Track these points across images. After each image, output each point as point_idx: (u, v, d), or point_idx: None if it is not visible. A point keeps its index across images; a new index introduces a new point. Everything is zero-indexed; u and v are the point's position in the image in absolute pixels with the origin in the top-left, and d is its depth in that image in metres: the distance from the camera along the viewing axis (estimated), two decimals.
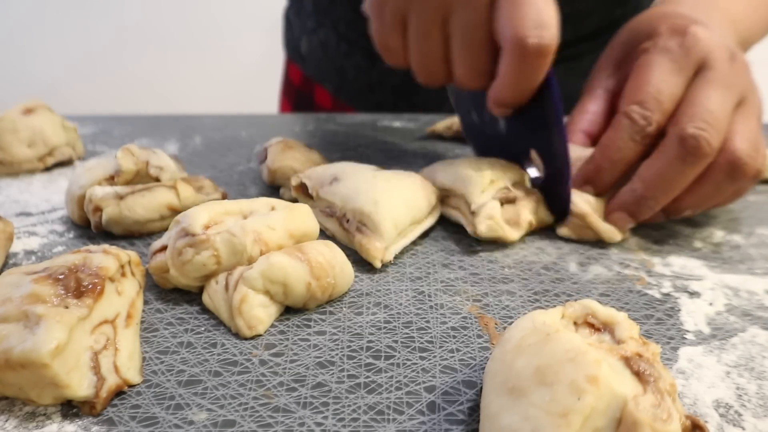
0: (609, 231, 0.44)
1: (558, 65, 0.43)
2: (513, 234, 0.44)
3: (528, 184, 0.48)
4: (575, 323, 0.28)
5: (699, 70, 0.44)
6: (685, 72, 0.44)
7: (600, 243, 0.45)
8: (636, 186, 0.44)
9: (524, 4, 0.39)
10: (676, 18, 0.46)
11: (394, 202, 0.42)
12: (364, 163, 0.61)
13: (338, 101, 0.85)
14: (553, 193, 0.47)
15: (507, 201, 0.45)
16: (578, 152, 0.48)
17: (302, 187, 0.48)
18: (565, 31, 0.74)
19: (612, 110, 0.49)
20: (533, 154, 0.48)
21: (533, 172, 0.49)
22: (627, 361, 0.25)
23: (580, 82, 0.54)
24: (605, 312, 0.28)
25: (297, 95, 0.91)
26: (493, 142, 0.52)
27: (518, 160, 0.49)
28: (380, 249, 0.41)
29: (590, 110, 0.50)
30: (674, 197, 0.44)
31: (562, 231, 0.46)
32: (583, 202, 0.45)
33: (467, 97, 0.53)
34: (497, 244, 0.45)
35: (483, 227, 0.43)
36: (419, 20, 0.42)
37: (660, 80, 0.43)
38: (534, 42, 0.38)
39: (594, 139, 0.50)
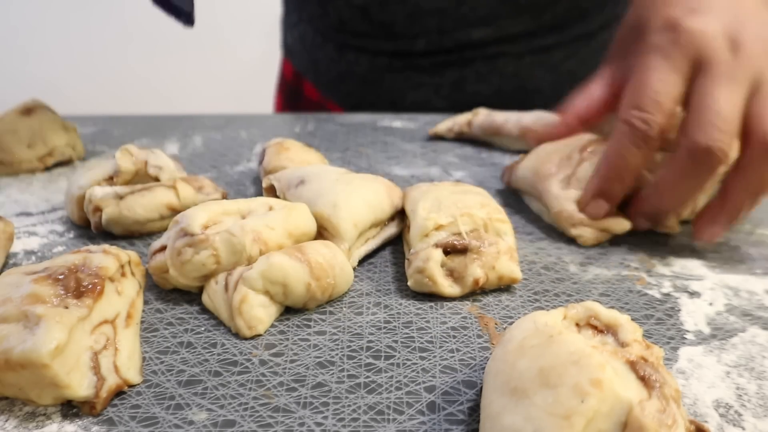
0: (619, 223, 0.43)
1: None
2: (449, 289, 0.38)
3: (504, 233, 0.41)
4: (577, 324, 0.28)
5: (699, 67, 0.41)
6: (682, 69, 0.41)
7: (600, 243, 0.45)
8: (653, 200, 0.43)
9: None
10: (668, 6, 0.43)
11: (354, 202, 0.42)
12: (362, 163, 0.61)
13: (322, 93, 0.88)
14: None
15: (456, 250, 0.39)
16: (542, 117, 0.47)
17: (272, 189, 0.47)
18: (524, 21, 0.74)
19: (615, 101, 0.48)
20: None
21: None
22: (632, 365, 0.25)
23: (549, 76, 0.52)
24: (608, 314, 0.28)
25: (288, 89, 0.93)
26: None
27: None
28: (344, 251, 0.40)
29: (593, 96, 0.49)
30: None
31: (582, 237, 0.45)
32: (569, 202, 0.44)
33: None
34: None
35: (410, 281, 0.38)
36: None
37: (656, 81, 0.41)
38: None
39: (586, 126, 0.49)
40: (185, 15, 0.47)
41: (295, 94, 0.91)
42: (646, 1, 0.46)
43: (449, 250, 0.39)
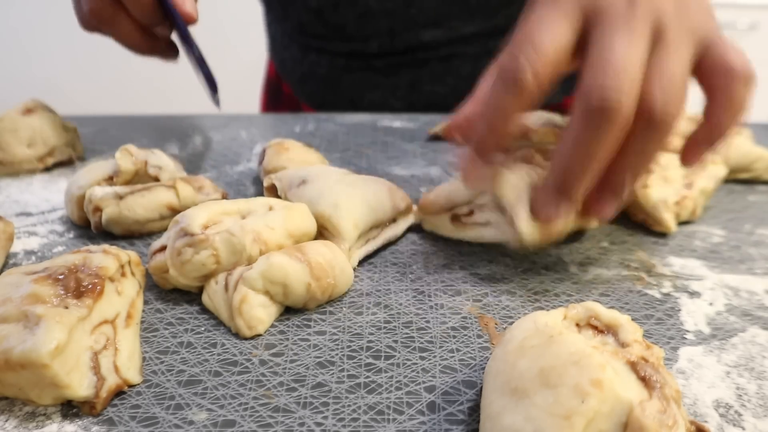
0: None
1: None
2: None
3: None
4: (577, 325, 0.28)
5: (592, 18, 0.36)
6: (572, 17, 0.36)
7: (599, 242, 0.45)
8: (554, 172, 0.37)
9: None
10: None
11: (355, 203, 0.42)
12: (362, 163, 0.61)
13: (293, 92, 0.90)
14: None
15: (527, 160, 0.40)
16: (543, 117, 0.43)
17: (273, 188, 0.47)
18: (476, 22, 0.74)
19: None
20: None
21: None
22: (633, 365, 0.25)
23: None
24: (608, 314, 0.28)
25: (271, 86, 0.95)
26: None
27: None
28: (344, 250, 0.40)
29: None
30: (604, 169, 0.37)
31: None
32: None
33: None
34: (498, 244, 0.45)
35: (524, 228, 0.38)
36: None
37: (541, 28, 0.35)
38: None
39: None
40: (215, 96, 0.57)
41: (277, 92, 0.93)
42: None
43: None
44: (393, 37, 0.76)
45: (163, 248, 0.37)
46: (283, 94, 0.92)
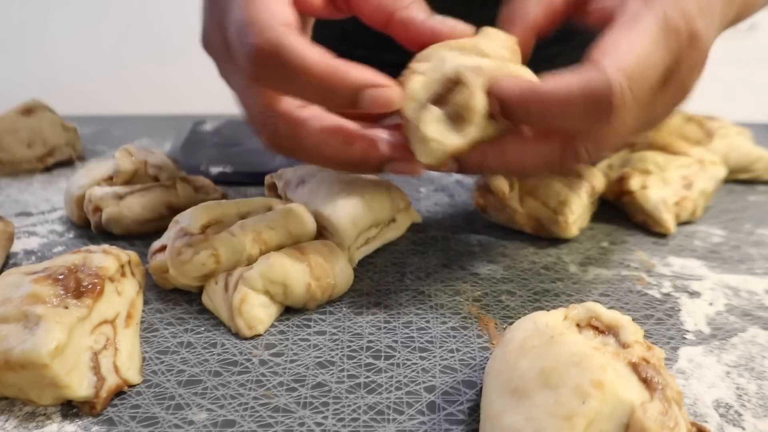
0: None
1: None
2: (453, 139, 0.31)
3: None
4: (578, 325, 0.28)
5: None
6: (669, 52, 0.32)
7: (599, 242, 0.45)
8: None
9: None
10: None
11: (353, 202, 0.42)
12: None
13: None
14: None
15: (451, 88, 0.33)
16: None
17: (274, 187, 0.47)
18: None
19: None
20: None
21: None
22: (634, 367, 0.25)
23: None
24: (609, 315, 0.28)
25: None
26: None
27: None
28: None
29: None
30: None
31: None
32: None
33: None
34: (497, 244, 0.45)
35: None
36: None
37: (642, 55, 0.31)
38: None
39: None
40: None
41: None
42: None
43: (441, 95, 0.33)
44: None
45: (163, 248, 0.37)
46: None
